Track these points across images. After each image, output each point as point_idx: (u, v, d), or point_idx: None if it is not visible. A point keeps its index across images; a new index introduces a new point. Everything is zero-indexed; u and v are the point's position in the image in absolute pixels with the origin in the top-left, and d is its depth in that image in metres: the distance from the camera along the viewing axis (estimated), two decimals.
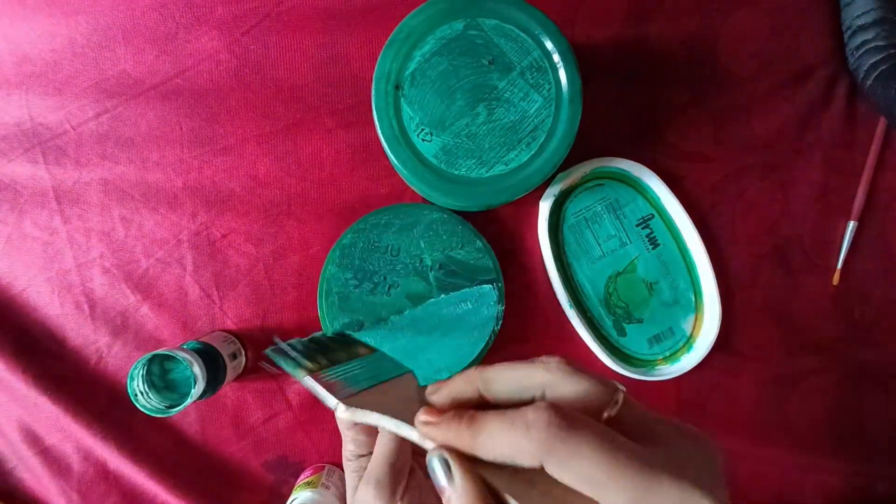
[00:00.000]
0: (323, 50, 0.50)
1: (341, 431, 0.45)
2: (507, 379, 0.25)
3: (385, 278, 0.46)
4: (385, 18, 0.50)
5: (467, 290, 0.48)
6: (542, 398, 0.24)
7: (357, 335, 0.44)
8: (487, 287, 0.48)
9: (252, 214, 0.51)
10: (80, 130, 0.50)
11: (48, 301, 0.51)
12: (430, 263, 0.48)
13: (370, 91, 0.42)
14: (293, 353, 0.32)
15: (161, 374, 0.44)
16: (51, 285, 0.51)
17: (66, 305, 0.51)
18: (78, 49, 0.50)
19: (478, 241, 0.48)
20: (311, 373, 0.31)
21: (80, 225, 0.51)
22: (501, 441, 0.23)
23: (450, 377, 0.27)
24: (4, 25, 0.50)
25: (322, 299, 0.46)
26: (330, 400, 0.28)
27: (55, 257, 0.51)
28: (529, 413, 0.22)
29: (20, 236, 0.51)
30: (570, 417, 0.21)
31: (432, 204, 0.47)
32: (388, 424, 0.27)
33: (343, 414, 0.28)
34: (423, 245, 0.47)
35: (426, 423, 0.25)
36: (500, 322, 0.48)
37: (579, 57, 0.42)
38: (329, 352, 0.34)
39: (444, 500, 0.24)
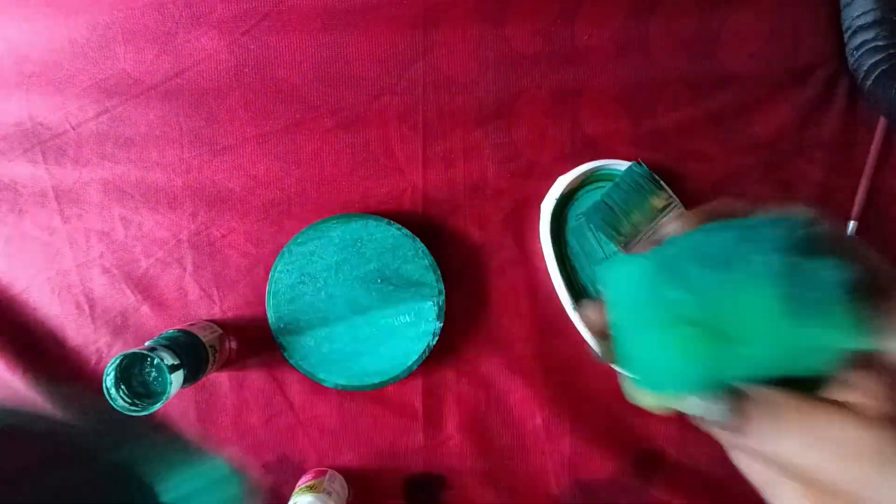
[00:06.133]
0: (323, 50, 0.50)
1: None
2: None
3: (327, 283, 0.49)
4: (385, 18, 0.50)
5: (407, 304, 0.49)
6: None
7: (302, 335, 0.48)
8: (428, 303, 0.49)
9: (252, 214, 0.51)
10: (80, 130, 0.50)
11: (48, 301, 0.51)
12: (374, 275, 0.49)
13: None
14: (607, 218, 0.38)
15: (140, 370, 0.42)
16: (51, 285, 0.51)
17: (66, 305, 0.51)
18: (78, 49, 0.50)
19: (425, 259, 0.49)
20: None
21: (80, 225, 0.51)
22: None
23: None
24: (4, 25, 0.50)
25: (270, 297, 0.49)
26: None
27: (55, 257, 0.51)
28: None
29: (20, 236, 0.50)
30: None
31: (385, 218, 0.49)
32: None
33: None
34: (369, 257, 0.49)
35: None
36: (437, 338, 0.49)
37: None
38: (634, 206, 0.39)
39: None
